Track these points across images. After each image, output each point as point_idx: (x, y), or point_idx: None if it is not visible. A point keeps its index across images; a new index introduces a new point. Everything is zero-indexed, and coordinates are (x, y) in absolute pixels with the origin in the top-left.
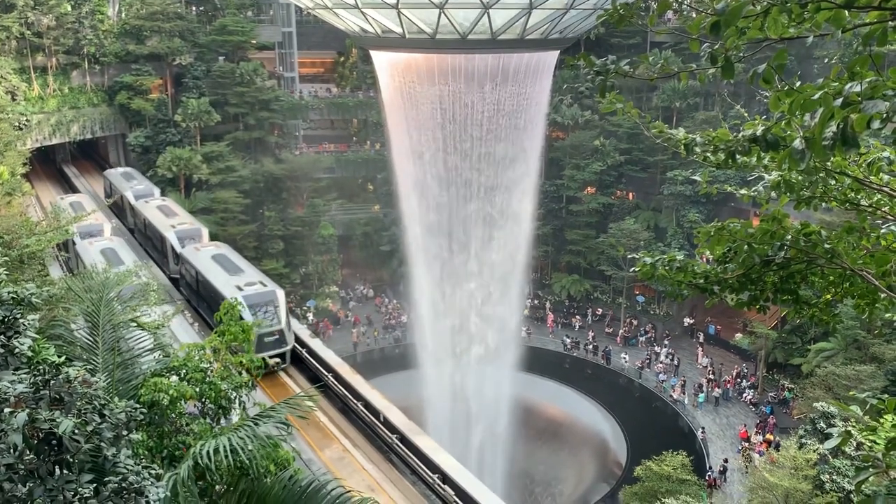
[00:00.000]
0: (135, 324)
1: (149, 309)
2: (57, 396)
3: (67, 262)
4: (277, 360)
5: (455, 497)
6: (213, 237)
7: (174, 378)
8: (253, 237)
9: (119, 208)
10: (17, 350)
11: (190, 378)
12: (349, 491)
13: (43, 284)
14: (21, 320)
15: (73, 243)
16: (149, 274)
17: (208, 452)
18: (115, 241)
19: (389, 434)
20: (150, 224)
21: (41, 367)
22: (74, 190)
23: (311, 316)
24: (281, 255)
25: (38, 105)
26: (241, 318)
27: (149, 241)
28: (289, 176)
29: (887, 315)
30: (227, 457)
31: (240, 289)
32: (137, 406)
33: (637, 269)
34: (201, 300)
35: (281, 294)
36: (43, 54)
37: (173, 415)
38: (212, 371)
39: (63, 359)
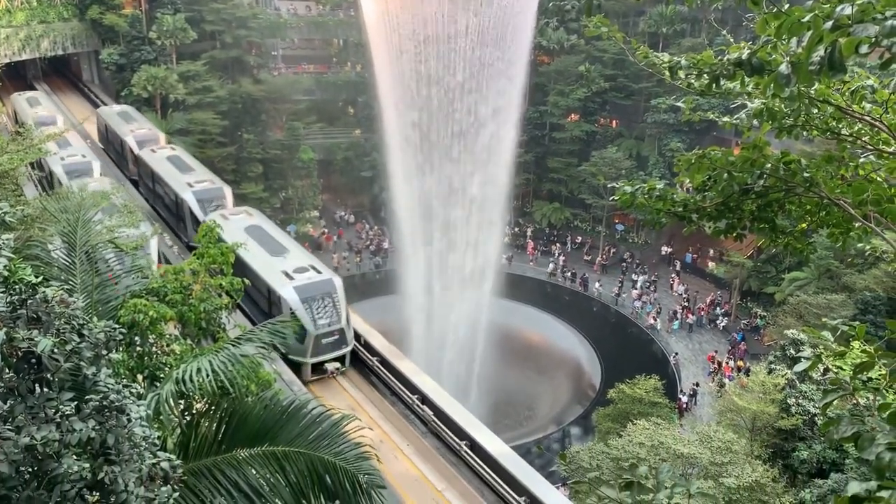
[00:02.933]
0: (113, 245)
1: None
2: (34, 316)
3: (41, 181)
4: (337, 364)
5: (433, 417)
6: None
7: (154, 299)
8: (231, 160)
9: (118, 154)
10: None
11: (170, 300)
12: (330, 409)
13: (17, 204)
14: None
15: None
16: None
17: (190, 374)
18: (70, 134)
19: (370, 357)
20: (160, 179)
21: (17, 286)
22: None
23: None
24: (260, 179)
25: (4, 18)
26: (296, 320)
27: (159, 200)
28: (267, 97)
29: (860, 245)
30: (208, 377)
31: (288, 276)
32: (117, 326)
33: (617, 198)
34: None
35: (339, 282)
36: None
37: (153, 336)
38: (191, 293)
39: (40, 279)
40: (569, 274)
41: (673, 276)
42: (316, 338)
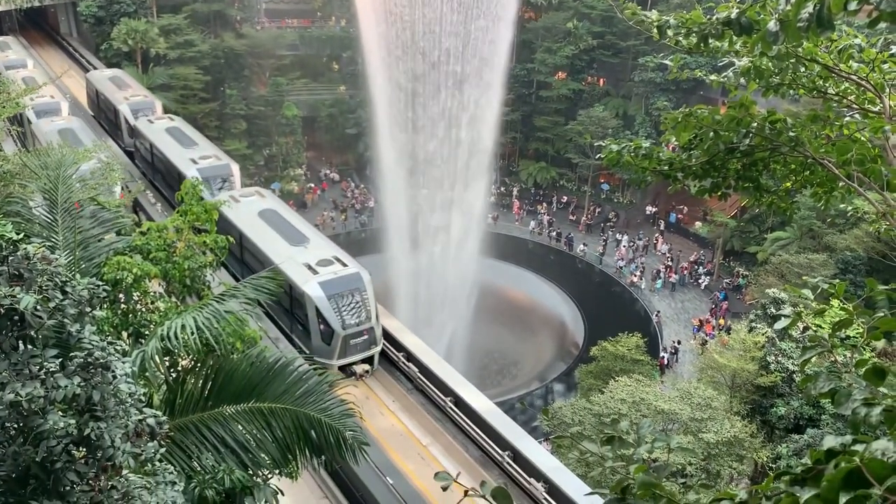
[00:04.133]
0: (95, 202)
1: None
2: (16, 273)
3: (21, 137)
4: (366, 366)
5: (419, 373)
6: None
7: (137, 257)
8: (214, 116)
9: (111, 124)
10: None
11: (154, 257)
12: (315, 367)
13: None
14: None
15: None
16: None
17: (175, 330)
18: (30, 68)
19: None
20: (159, 154)
21: None
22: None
23: None
24: (243, 136)
25: None
26: (323, 319)
27: (158, 176)
28: (250, 52)
29: (842, 205)
30: (193, 334)
31: (312, 269)
32: (100, 283)
33: (603, 156)
34: (249, 271)
35: (367, 276)
36: None
37: (137, 293)
38: (175, 250)
39: (21, 236)
40: (554, 233)
41: (657, 235)
42: (344, 338)
